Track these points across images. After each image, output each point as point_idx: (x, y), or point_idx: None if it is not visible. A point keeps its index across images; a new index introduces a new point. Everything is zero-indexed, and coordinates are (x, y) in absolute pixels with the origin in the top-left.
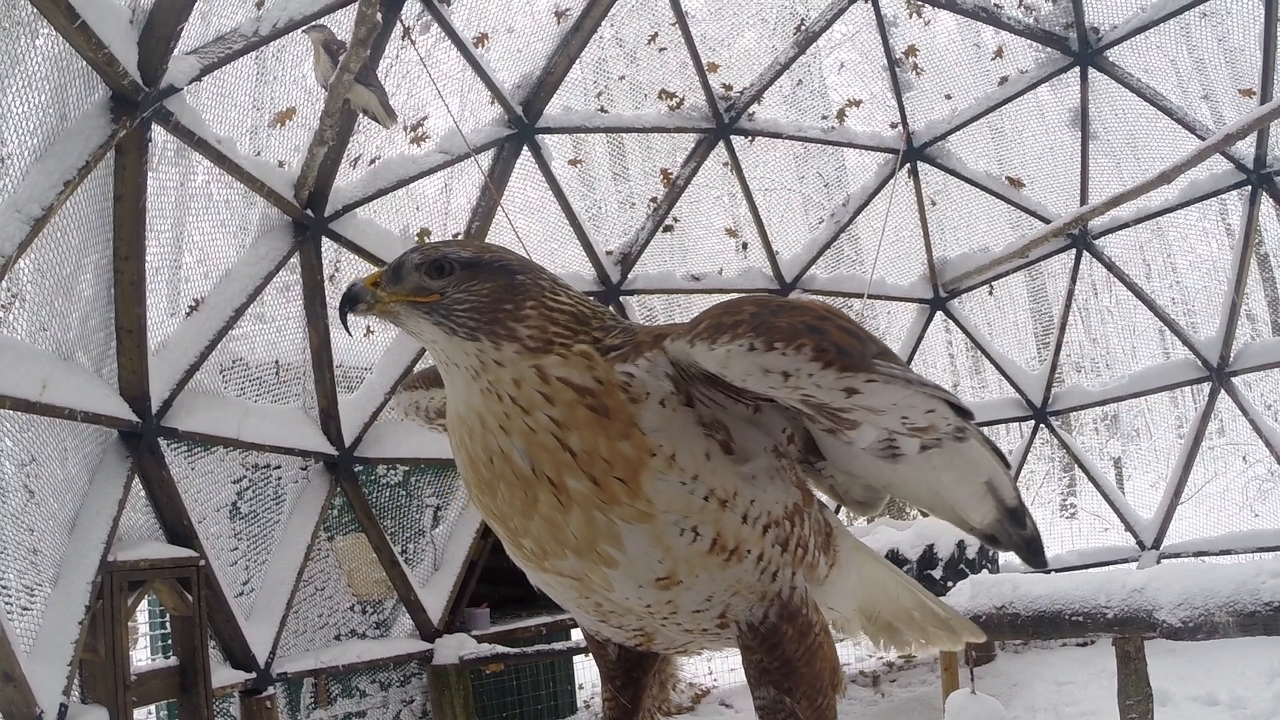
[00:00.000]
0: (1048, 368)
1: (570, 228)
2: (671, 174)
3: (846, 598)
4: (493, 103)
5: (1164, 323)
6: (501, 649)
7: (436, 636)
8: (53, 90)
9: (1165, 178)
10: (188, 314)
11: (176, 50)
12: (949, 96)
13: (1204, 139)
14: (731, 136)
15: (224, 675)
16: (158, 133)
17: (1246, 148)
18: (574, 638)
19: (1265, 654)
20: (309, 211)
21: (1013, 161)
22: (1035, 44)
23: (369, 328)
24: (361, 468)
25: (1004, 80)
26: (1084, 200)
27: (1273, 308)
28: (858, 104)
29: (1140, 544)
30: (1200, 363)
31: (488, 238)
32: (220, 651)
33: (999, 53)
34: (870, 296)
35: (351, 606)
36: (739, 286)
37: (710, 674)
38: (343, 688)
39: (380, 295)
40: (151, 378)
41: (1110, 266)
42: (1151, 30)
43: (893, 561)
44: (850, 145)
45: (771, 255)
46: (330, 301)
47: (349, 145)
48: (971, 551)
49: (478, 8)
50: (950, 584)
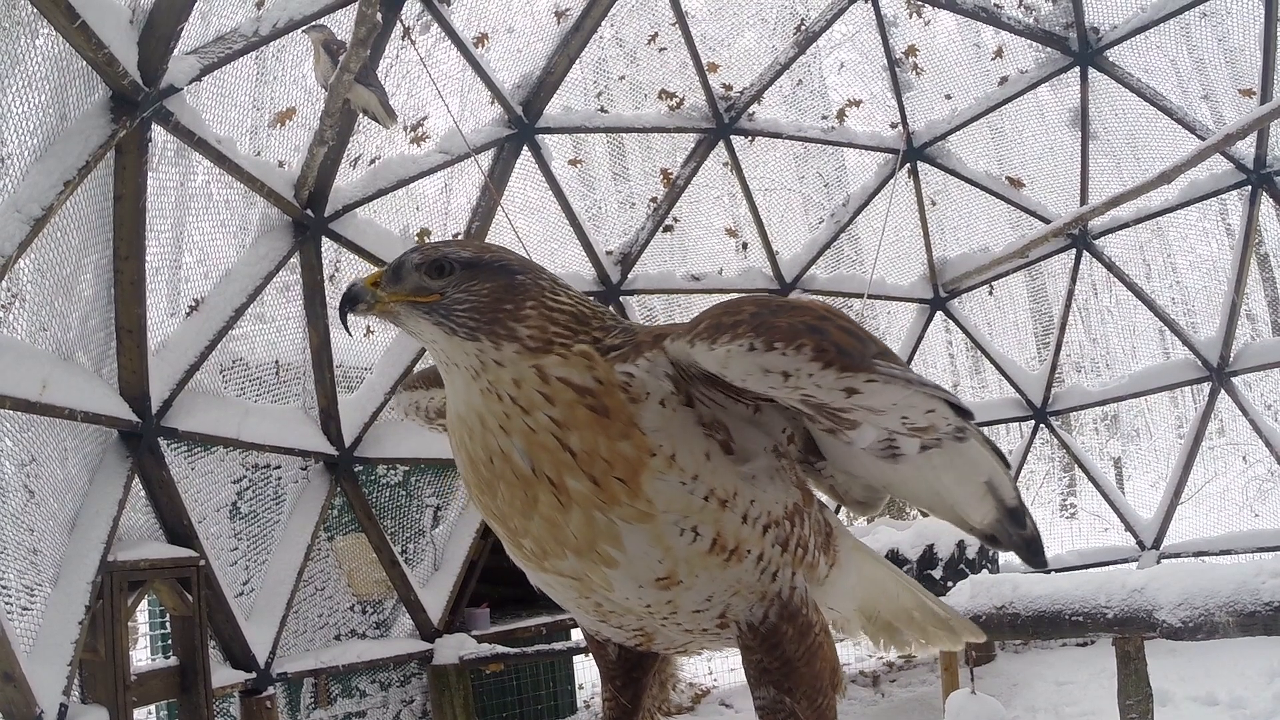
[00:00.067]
0: (1048, 368)
1: (570, 228)
2: (671, 174)
3: (847, 598)
4: (493, 103)
5: (1164, 323)
6: (501, 649)
7: (436, 636)
8: (53, 90)
9: (1165, 178)
10: (188, 314)
11: (176, 50)
12: (949, 96)
13: (1204, 139)
14: (731, 136)
15: (224, 675)
16: (158, 133)
17: (1246, 148)
18: (574, 638)
19: (1265, 654)
20: (309, 211)
21: (1013, 161)
22: (1035, 44)
23: (369, 328)
24: (361, 468)
25: (1004, 80)
26: (1084, 200)
27: (1273, 308)
28: (858, 104)
29: (1140, 544)
30: (1200, 363)
31: (488, 238)
32: (220, 651)
33: (999, 53)
34: (870, 296)
35: (351, 606)
36: (739, 286)
37: (710, 674)
38: (343, 688)
39: (380, 295)
40: (151, 378)
41: (1110, 266)
42: (1151, 30)
43: (892, 561)
44: (850, 145)
45: (771, 255)
46: (330, 301)
47: (349, 145)
48: (971, 551)
49: (478, 8)
50: (950, 584)
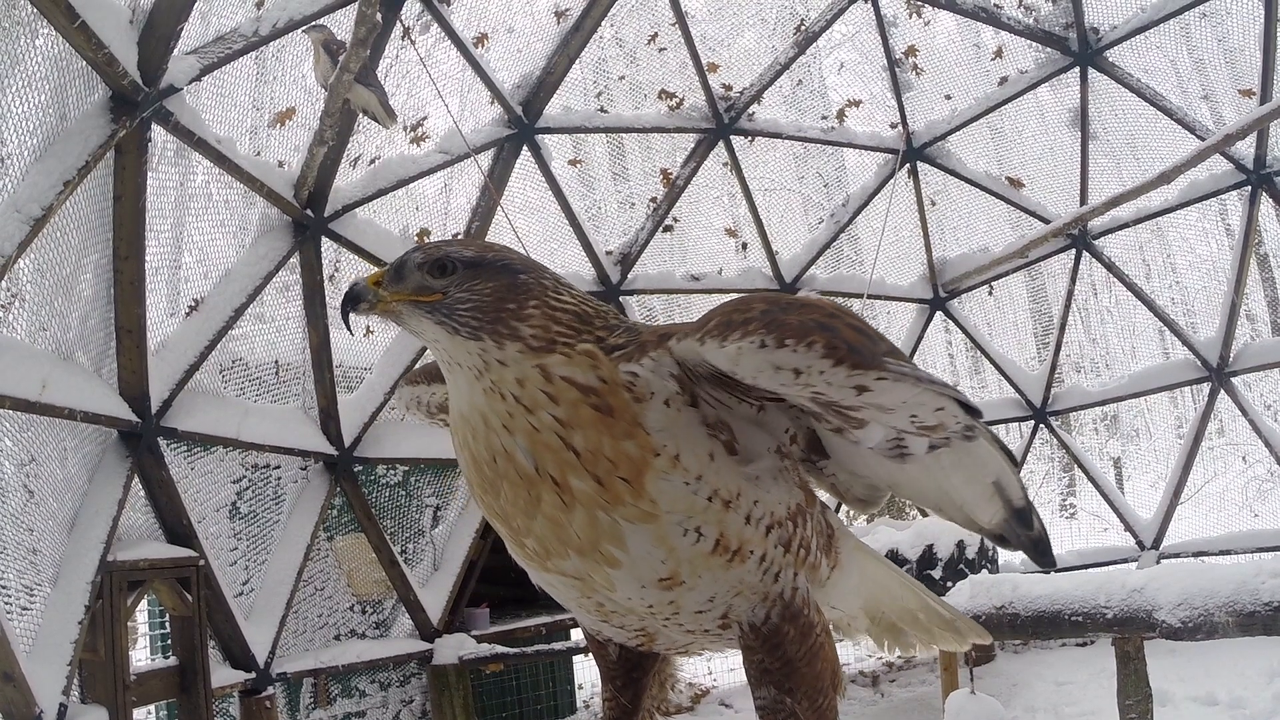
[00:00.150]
0: (1047, 368)
1: (570, 228)
2: (671, 174)
3: (849, 598)
4: (492, 103)
5: (1164, 323)
6: (501, 649)
7: (436, 636)
8: (52, 90)
9: (1165, 178)
10: (187, 314)
11: (176, 50)
12: (949, 96)
13: (1204, 139)
14: (731, 136)
15: (223, 675)
16: (157, 133)
17: (1246, 148)
18: (574, 638)
19: (1265, 654)
20: (309, 211)
21: (1013, 161)
22: (1035, 44)
23: (369, 327)
24: (361, 468)
25: (1004, 80)
26: (1084, 200)
27: (1272, 308)
28: (857, 104)
29: (1140, 544)
30: (1200, 363)
31: (488, 238)
32: (220, 651)
33: (999, 53)
34: (870, 296)
35: (351, 606)
36: (739, 286)
37: (710, 674)
38: (342, 688)
39: (382, 294)
40: (151, 378)
41: (1110, 267)
42: (1151, 30)
43: (892, 561)
44: (850, 145)
45: (771, 255)
46: (330, 301)
47: (349, 145)
48: (971, 551)
49: (478, 8)
50: (950, 584)
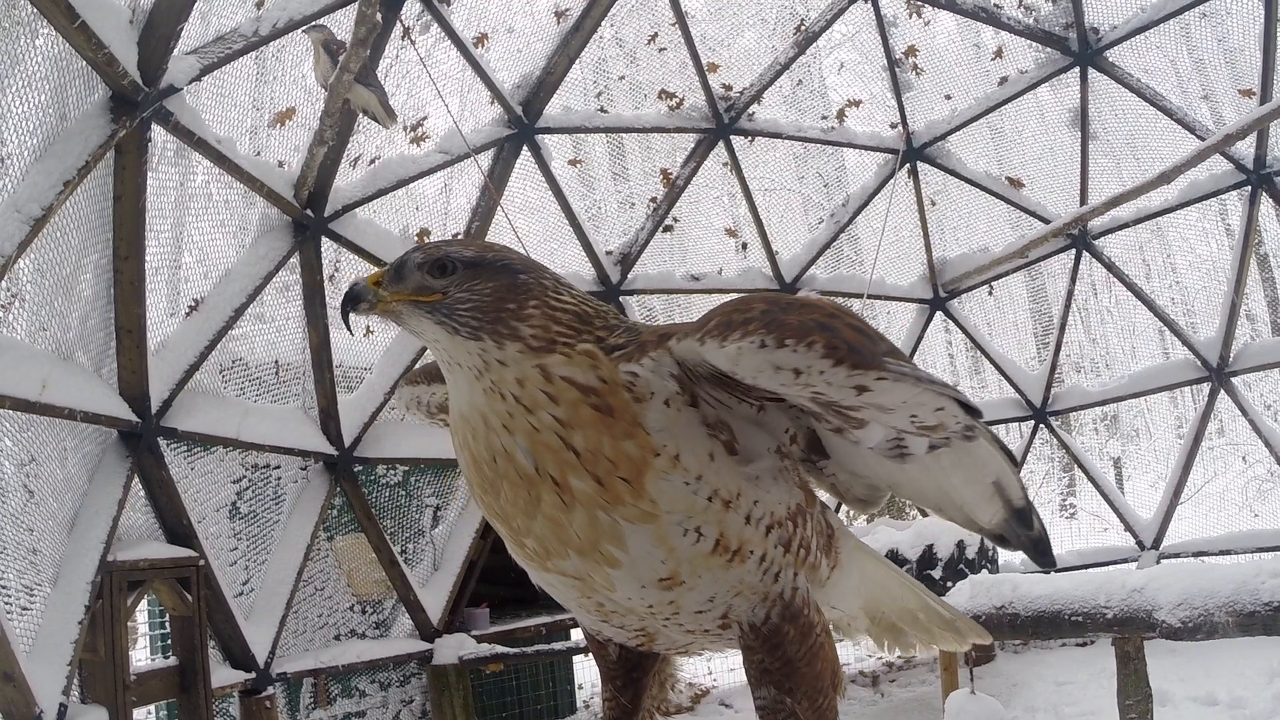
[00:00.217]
0: (1047, 368)
1: (570, 228)
2: (671, 174)
3: (849, 598)
4: (492, 103)
5: (1164, 323)
6: (501, 649)
7: (436, 636)
8: (52, 90)
9: (1165, 178)
10: (187, 314)
11: (176, 50)
12: (949, 96)
13: (1204, 139)
14: (731, 136)
15: (223, 675)
16: (157, 133)
17: (1246, 148)
18: (574, 638)
19: (1265, 654)
20: (309, 211)
21: (1012, 161)
22: (1035, 44)
23: (369, 327)
24: (361, 468)
25: (1004, 80)
26: (1084, 200)
27: (1272, 308)
28: (857, 104)
29: (1140, 544)
30: (1200, 363)
31: (488, 238)
32: (220, 651)
33: (999, 53)
34: (870, 296)
35: (351, 606)
36: (738, 286)
37: (710, 674)
38: (342, 688)
39: (382, 294)
40: (151, 378)
41: (1110, 267)
42: (1151, 30)
43: (892, 561)
44: (850, 145)
45: (771, 255)
46: (330, 301)
47: (349, 145)
48: (971, 551)
49: (478, 8)
50: (950, 584)
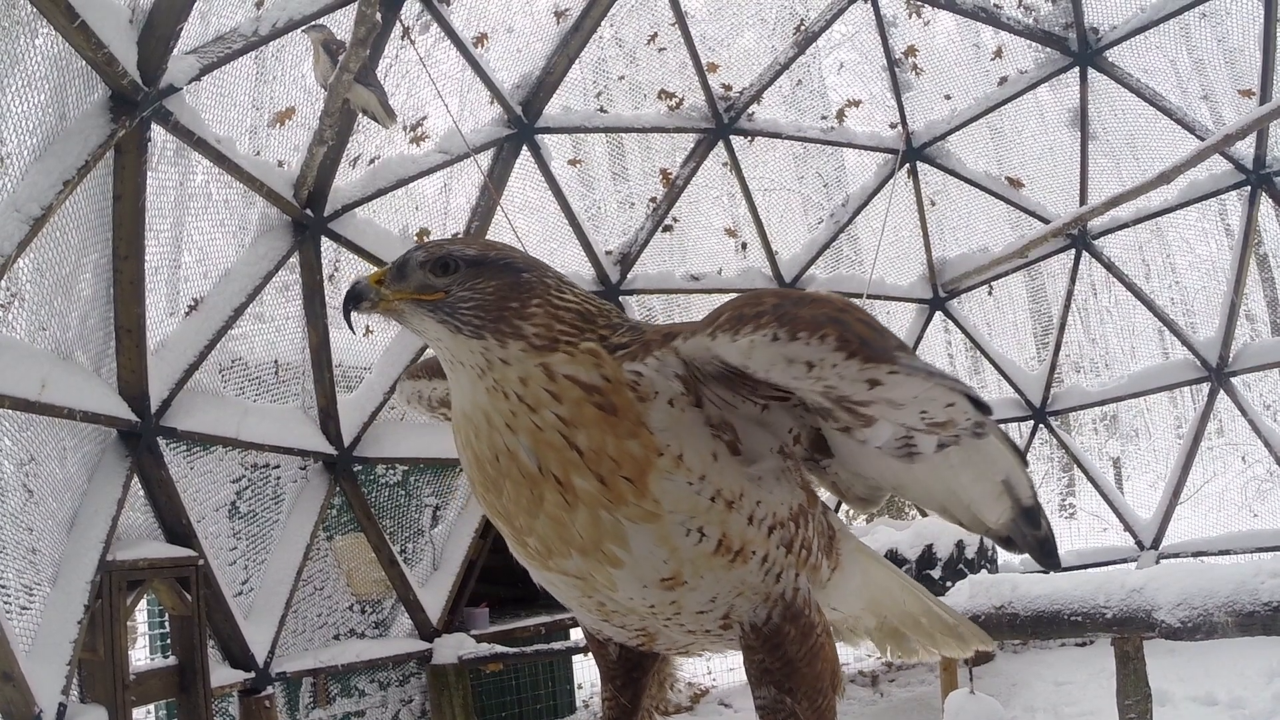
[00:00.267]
0: (1047, 368)
1: (569, 228)
2: (671, 174)
3: (851, 600)
4: (492, 103)
5: (1163, 323)
6: (500, 649)
7: (435, 636)
8: (52, 90)
9: (1165, 178)
10: (187, 313)
11: (176, 50)
12: (948, 96)
13: (1203, 139)
14: (731, 136)
15: (223, 675)
16: (157, 132)
17: (1246, 148)
18: (573, 637)
19: (1264, 654)
20: (308, 211)
21: (1012, 161)
22: (1035, 44)
23: (369, 327)
24: (360, 467)
25: (1003, 80)
26: (1083, 200)
27: (1272, 308)
28: (857, 104)
29: (1139, 544)
30: (1199, 363)
31: (487, 237)
32: (219, 651)
33: (999, 53)
34: (869, 296)
35: (350, 606)
36: (738, 286)
37: (709, 674)
38: (342, 687)
39: (384, 293)
40: (150, 377)
41: (1109, 267)
42: (1151, 30)
43: (891, 561)
44: (850, 145)
45: (771, 255)
46: (330, 301)
47: (348, 145)
48: (970, 551)
49: (477, 8)
50: (949, 584)
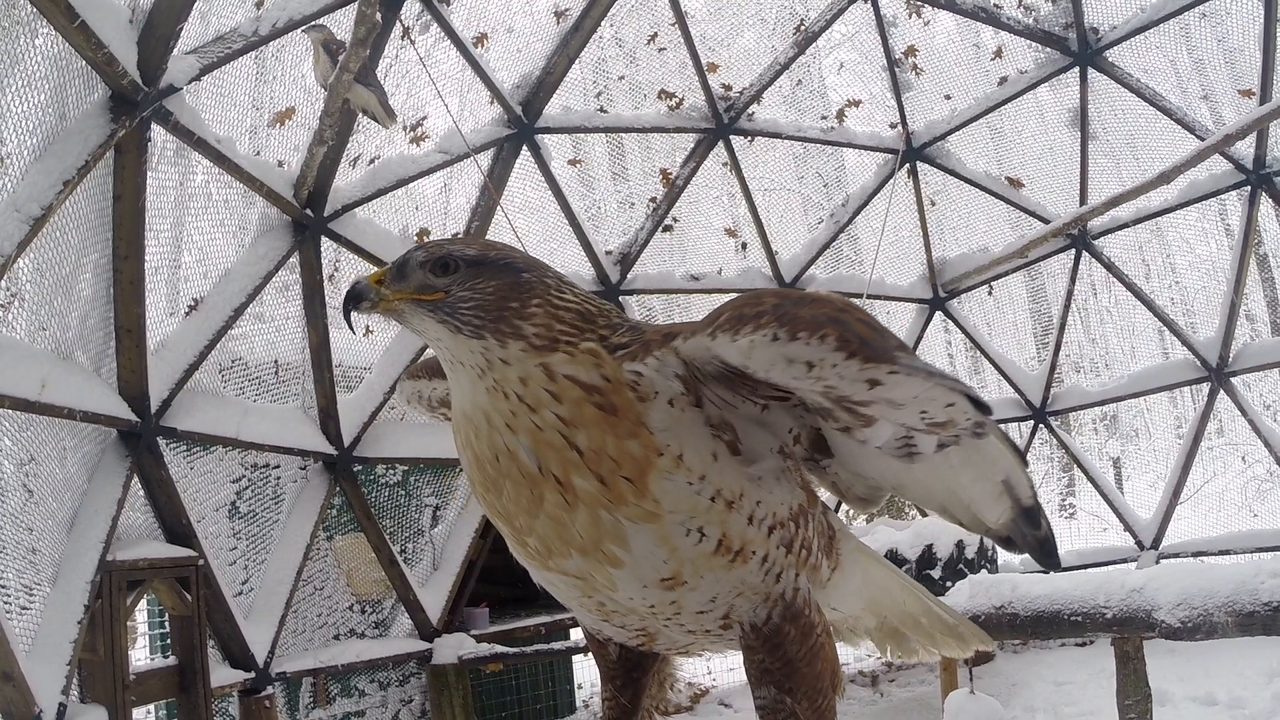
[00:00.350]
0: (1047, 368)
1: (569, 228)
2: (671, 174)
3: (851, 600)
4: (492, 102)
5: (1163, 323)
6: (500, 649)
7: (435, 636)
8: (52, 90)
9: (1165, 178)
10: (187, 313)
11: (176, 50)
12: (948, 97)
13: (1203, 139)
14: (731, 136)
15: (223, 675)
16: (157, 132)
17: (1246, 148)
18: (573, 637)
19: (1264, 654)
20: (308, 211)
21: (1012, 161)
22: (1035, 44)
23: (369, 327)
24: (360, 467)
25: (1003, 80)
26: (1083, 200)
27: (1272, 308)
28: (857, 104)
29: (1139, 544)
30: (1199, 363)
31: (487, 237)
32: (219, 651)
33: (998, 53)
34: (869, 296)
35: (350, 606)
36: (738, 286)
37: (709, 674)
38: (341, 687)
39: (384, 293)
40: (150, 377)
41: (1109, 267)
42: (1151, 30)
43: (891, 561)
44: (850, 145)
45: (771, 255)
46: (330, 301)
47: (348, 145)
48: (970, 551)
49: (477, 8)
50: (949, 584)
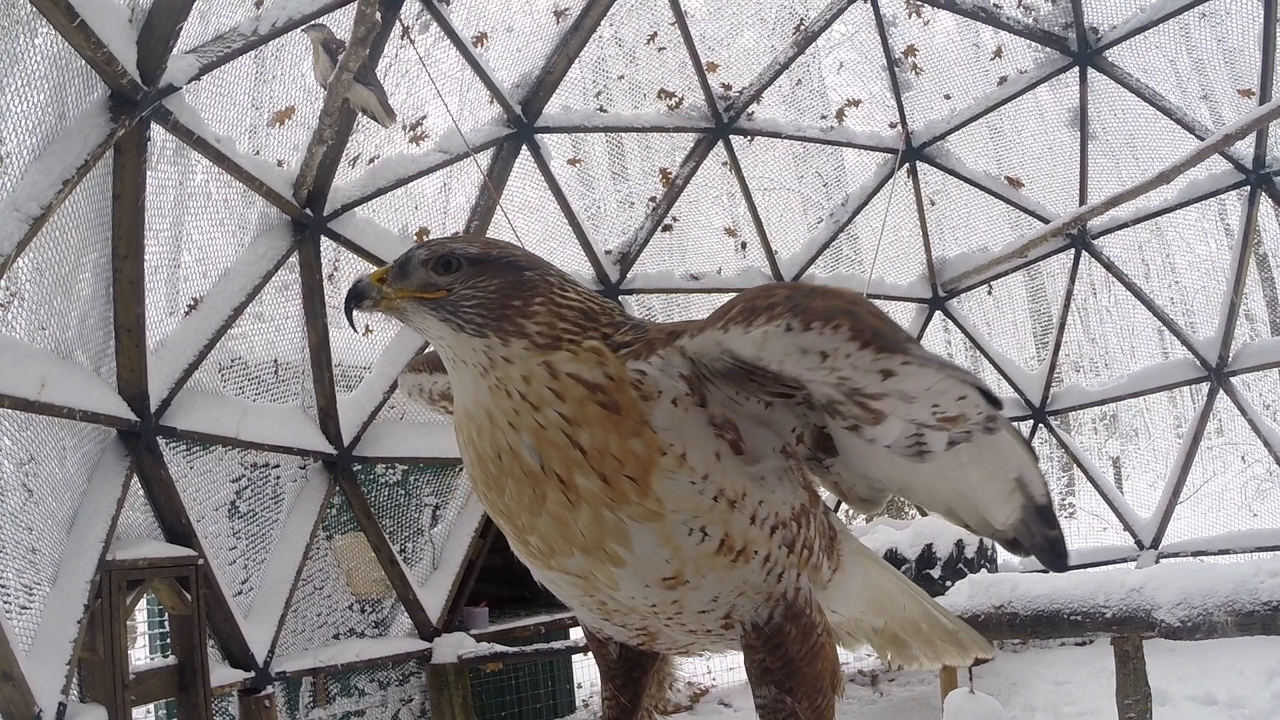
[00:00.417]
0: (1046, 367)
1: (569, 227)
2: (670, 173)
3: (851, 602)
4: (492, 102)
5: (1163, 322)
6: (500, 648)
7: (435, 635)
8: (52, 89)
9: (1164, 178)
10: (186, 313)
11: (175, 49)
12: (948, 96)
13: (1203, 139)
14: (730, 136)
15: (223, 674)
16: (156, 132)
17: (1245, 148)
18: (573, 637)
19: (1263, 653)
20: (308, 210)
21: (1012, 161)
22: (1034, 44)
23: (369, 326)
24: (360, 467)
25: (1003, 80)
26: (1083, 200)
27: (1271, 308)
28: (857, 104)
29: (1139, 543)
30: (1199, 363)
31: (488, 236)
32: (219, 650)
33: (998, 53)
34: (869, 296)
35: (350, 605)
36: (738, 286)
37: (709, 673)
38: (341, 687)
39: (386, 291)
40: (150, 377)
41: (1109, 266)
42: (1151, 30)
43: (891, 561)
44: (849, 145)
45: (770, 255)
46: (329, 300)
47: (348, 144)
48: (970, 551)
49: (477, 7)
50: (949, 583)
